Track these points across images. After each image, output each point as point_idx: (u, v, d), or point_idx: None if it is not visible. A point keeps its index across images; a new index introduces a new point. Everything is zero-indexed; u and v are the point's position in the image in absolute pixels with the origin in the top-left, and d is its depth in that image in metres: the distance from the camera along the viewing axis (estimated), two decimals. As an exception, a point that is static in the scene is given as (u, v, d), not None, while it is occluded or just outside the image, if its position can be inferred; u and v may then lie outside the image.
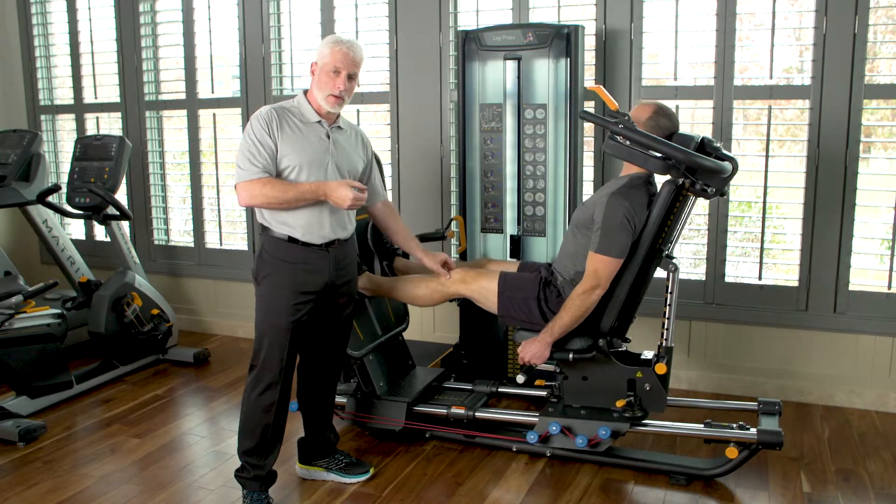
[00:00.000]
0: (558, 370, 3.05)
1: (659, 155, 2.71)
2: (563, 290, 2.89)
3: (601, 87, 2.84)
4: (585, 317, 2.80)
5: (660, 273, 2.91)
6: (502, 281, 2.95)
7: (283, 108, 2.60)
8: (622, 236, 2.72)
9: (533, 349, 2.85)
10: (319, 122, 2.61)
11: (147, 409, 3.69)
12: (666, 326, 2.86)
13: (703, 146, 2.79)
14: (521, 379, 2.94)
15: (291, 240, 2.58)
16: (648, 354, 2.98)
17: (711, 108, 3.61)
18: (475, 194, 3.76)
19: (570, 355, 2.88)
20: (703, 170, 2.68)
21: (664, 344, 2.86)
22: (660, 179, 2.87)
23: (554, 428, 2.96)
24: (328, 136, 2.62)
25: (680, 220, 2.84)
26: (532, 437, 3.01)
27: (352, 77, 2.58)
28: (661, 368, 2.84)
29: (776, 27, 3.50)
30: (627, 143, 2.74)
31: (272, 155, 2.52)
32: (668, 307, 2.85)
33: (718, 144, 2.82)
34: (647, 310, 3.28)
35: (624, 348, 3.00)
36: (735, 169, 2.80)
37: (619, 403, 2.90)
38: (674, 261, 2.85)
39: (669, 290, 2.85)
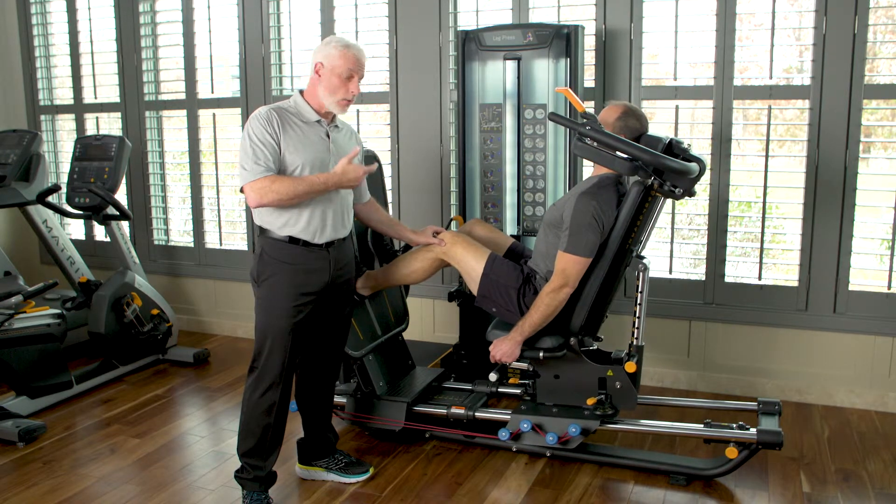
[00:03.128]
0: (531, 368, 3.06)
1: (625, 156, 2.72)
2: (539, 287, 2.91)
3: (568, 89, 2.87)
4: (554, 315, 2.83)
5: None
6: (490, 263, 2.96)
7: (281, 109, 2.59)
8: (590, 235, 2.74)
9: (503, 348, 2.88)
10: (319, 121, 2.62)
11: (147, 409, 3.69)
12: (636, 325, 2.88)
13: (671, 147, 2.81)
14: (493, 377, 2.99)
15: (292, 241, 2.58)
16: (621, 353, 2.99)
17: (711, 108, 3.61)
18: (475, 194, 3.77)
19: (541, 354, 2.91)
20: (670, 171, 2.70)
21: (635, 342, 2.89)
22: (632, 180, 2.88)
23: (525, 425, 2.98)
24: (328, 136, 2.63)
25: (649, 220, 2.87)
26: (504, 434, 3.03)
27: (359, 80, 2.61)
28: (630, 367, 2.86)
29: (776, 27, 3.50)
30: (595, 144, 2.76)
31: (276, 154, 2.51)
32: (638, 306, 2.88)
33: (686, 145, 2.84)
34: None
35: (595, 347, 3.03)
36: (703, 170, 2.81)
37: (590, 401, 2.93)
38: (644, 261, 2.87)
39: (639, 290, 2.87)
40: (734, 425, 2.87)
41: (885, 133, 3.58)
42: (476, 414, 3.16)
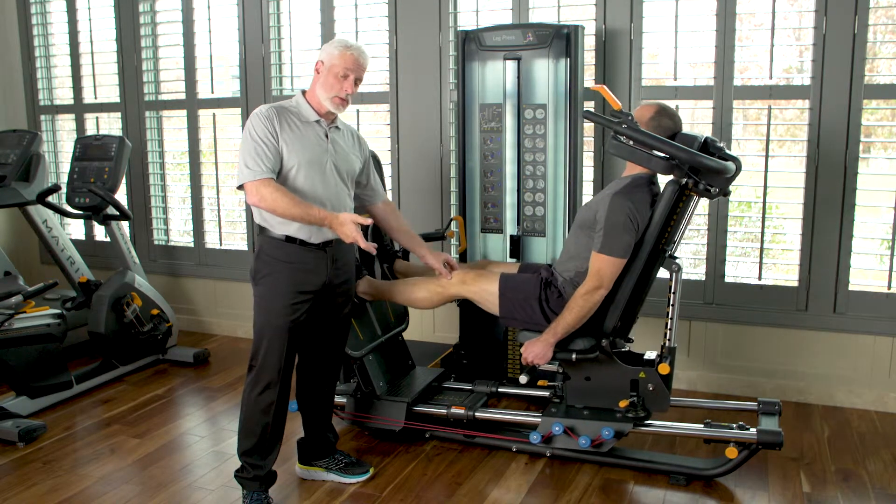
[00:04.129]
0: (561, 370, 3.05)
1: (662, 155, 2.71)
2: (563, 290, 2.89)
3: (604, 87, 2.83)
4: (588, 317, 2.80)
5: (663, 273, 2.90)
6: (503, 282, 2.95)
7: (282, 107, 2.60)
8: (625, 236, 2.72)
9: (536, 349, 2.85)
10: (318, 121, 2.62)
11: (147, 409, 3.69)
12: (669, 327, 2.86)
13: (707, 146, 2.78)
14: (523, 379, 2.95)
15: (289, 240, 2.58)
16: (651, 355, 2.98)
17: (711, 108, 3.61)
18: (475, 194, 3.77)
19: (573, 356, 2.88)
20: (707, 170, 2.68)
21: (667, 344, 2.86)
22: (663, 179, 2.87)
23: (557, 428, 2.96)
24: (326, 136, 2.63)
25: (683, 220, 2.84)
26: (535, 437, 3.00)
27: (357, 81, 2.61)
28: (664, 368, 2.84)
29: (776, 27, 3.50)
30: (631, 143, 2.75)
31: (277, 153, 2.52)
32: (671, 307, 2.85)
33: (721, 144, 2.81)
34: (651, 309, 3.28)
35: (627, 348, 3.00)
36: (738, 169, 2.79)
37: (622, 404, 2.90)
38: (677, 261, 2.84)
39: (672, 291, 2.85)
40: (734, 425, 2.87)
41: (885, 133, 3.58)
42: (476, 414, 3.16)
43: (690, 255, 3.80)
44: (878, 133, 3.59)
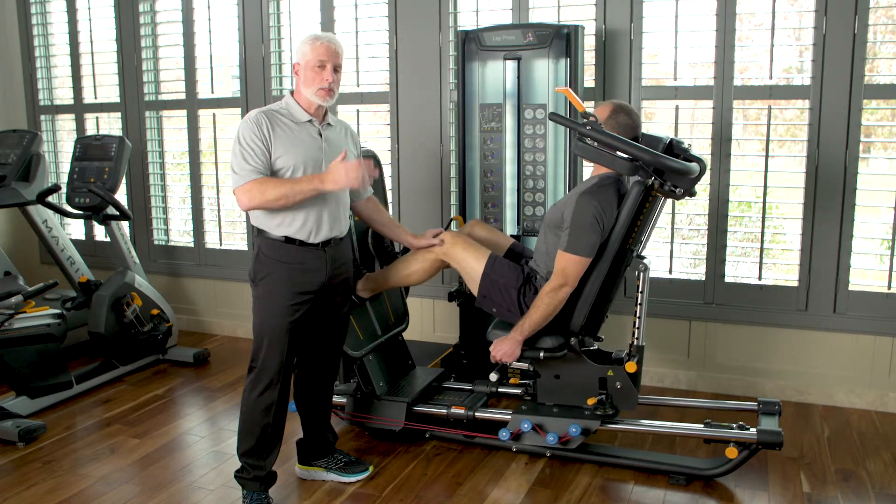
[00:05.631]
0: (532, 368, 3.07)
1: (626, 156, 2.72)
2: (540, 287, 2.91)
3: (569, 89, 2.87)
4: (554, 315, 2.83)
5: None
6: (490, 263, 2.96)
7: (271, 111, 2.60)
8: (591, 235, 2.74)
9: (504, 348, 2.88)
10: (310, 121, 2.62)
11: (147, 409, 3.69)
12: (637, 325, 2.89)
13: (671, 147, 2.81)
14: (493, 377, 2.98)
15: (288, 240, 2.59)
16: (622, 353, 3.00)
17: (711, 108, 3.61)
18: (475, 194, 3.77)
19: (541, 354, 2.91)
20: (670, 171, 2.70)
21: (635, 342, 2.89)
22: (632, 179, 2.88)
23: (525, 425, 2.98)
24: (320, 135, 2.63)
25: (650, 220, 2.87)
26: (504, 434, 3.03)
27: (337, 69, 2.60)
28: (631, 367, 2.87)
29: (776, 27, 3.50)
30: (595, 144, 2.76)
31: (266, 157, 2.52)
32: (638, 306, 2.88)
33: (687, 145, 2.83)
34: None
35: (595, 347, 3.03)
36: (703, 170, 2.81)
37: (591, 401, 2.93)
38: (644, 261, 2.87)
39: (640, 290, 2.88)
40: (734, 425, 2.87)
41: (885, 133, 3.58)
42: (476, 414, 3.16)
43: (690, 255, 3.80)
44: (878, 133, 3.59)
